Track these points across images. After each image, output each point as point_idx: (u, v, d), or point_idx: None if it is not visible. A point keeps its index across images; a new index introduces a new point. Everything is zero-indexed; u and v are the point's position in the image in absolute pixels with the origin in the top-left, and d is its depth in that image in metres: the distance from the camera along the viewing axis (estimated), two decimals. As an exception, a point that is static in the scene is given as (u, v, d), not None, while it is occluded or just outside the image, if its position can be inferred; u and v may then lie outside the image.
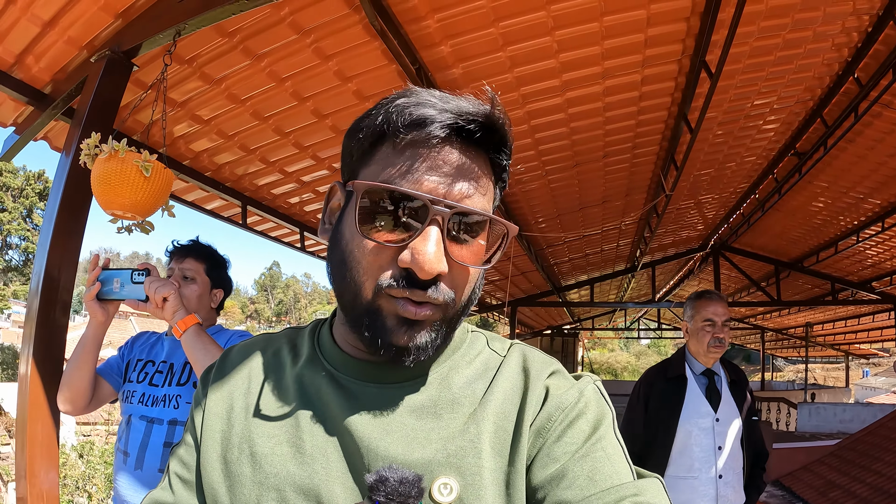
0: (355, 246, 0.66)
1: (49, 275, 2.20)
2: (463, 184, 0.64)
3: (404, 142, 0.64)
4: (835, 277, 11.43)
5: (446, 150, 0.64)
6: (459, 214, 0.64)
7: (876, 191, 7.26)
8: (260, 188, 4.55)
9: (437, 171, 0.64)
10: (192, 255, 2.14)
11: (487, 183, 0.68)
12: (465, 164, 0.65)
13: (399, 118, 0.64)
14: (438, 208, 0.61)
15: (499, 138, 0.67)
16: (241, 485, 0.68)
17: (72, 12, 2.46)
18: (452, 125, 0.63)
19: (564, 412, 0.67)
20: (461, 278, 0.67)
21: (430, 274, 0.61)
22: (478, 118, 0.64)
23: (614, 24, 3.33)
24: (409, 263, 0.62)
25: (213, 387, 0.79)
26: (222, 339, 2.03)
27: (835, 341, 21.89)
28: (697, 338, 2.69)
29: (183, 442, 0.78)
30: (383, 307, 0.64)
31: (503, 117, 0.67)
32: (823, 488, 9.05)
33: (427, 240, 0.61)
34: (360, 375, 0.72)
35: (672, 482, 2.58)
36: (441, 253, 0.62)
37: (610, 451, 0.65)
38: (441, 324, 0.66)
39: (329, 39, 2.93)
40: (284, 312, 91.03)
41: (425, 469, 0.63)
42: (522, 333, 19.18)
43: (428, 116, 0.63)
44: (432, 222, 0.62)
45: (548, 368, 0.73)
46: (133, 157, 1.89)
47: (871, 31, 4.18)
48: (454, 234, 0.64)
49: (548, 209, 6.54)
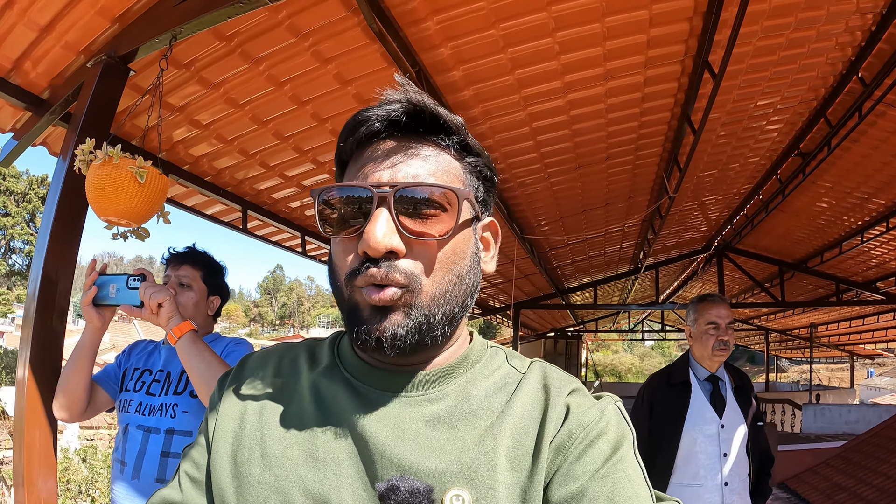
0: (333, 252, 0.71)
1: (46, 279, 2.18)
2: (409, 168, 0.68)
3: (353, 151, 0.72)
4: (839, 278, 11.38)
5: (386, 144, 0.69)
6: (408, 190, 0.65)
7: (880, 190, 7.21)
8: (260, 193, 4.54)
9: (381, 163, 0.68)
10: (188, 261, 2.12)
11: (443, 161, 0.71)
12: (409, 151, 0.69)
13: (343, 136, 0.72)
14: (380, 190, 0.65)
15: (432, 119, 0.69)
16: (250, 486, 0.68)
17: (69, 17, 2.44)
18: (381, 117, 0.68)
19: (586, 430, 0.67)
20: (424, 254, 0.67)
21: (377, 250, 0.63)
22: (397, 106, 0.68)
23: (616, 25, 3.31)
24: (362, 246, 0.64)
25: (229, 389, 0.79)
26: (219, 346, 2.01)
27: (839, 342, 21.83)
28: (702, 341, 2.65)
29: (195, 442, 0.79)
30: (357, 301, 0.67)
31: (425, 99, 0.69)
32: (829, 491, 8.99)
33: (374, 220, 0.64)
34: (378, 384, 0.72)
35: (677, 490, 2.54)
36: (389, 230, 0.64)
37: (630, 473, 0.65)
38: (412, 308, 0.66)
39: (328, 42, 2.90)
40: (288, 316, 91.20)
41: (438, 479, 0.63)
42: (526, 336, 19.15)
43: (360, 119, 0.69)
44: (379, 203, 0.65)
45: (568, 386, 0.72)
46: (128, 164, 1.87)
47: (875, 29, 4.14)
48: (409, 211, 0.66)
49: (550, 212, 6.52)
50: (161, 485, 1.85)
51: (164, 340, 2.10)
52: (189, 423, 1.91)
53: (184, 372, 1.96)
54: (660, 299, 12.96)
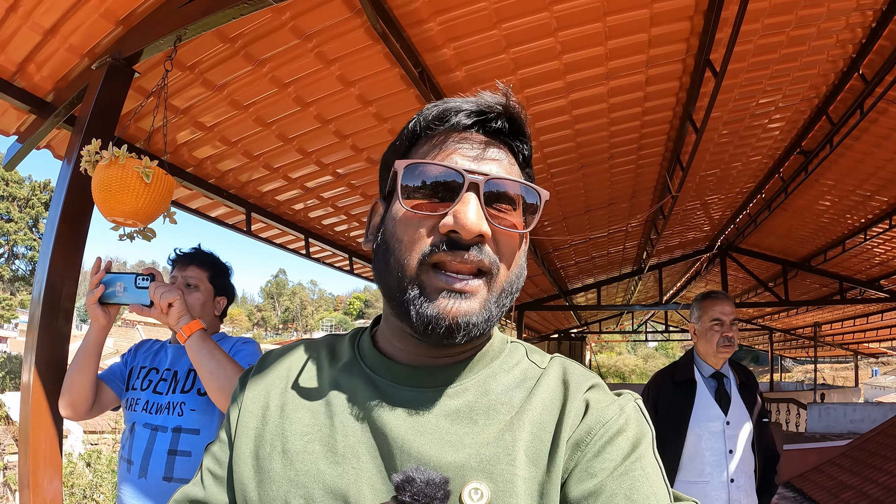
0: (398, 226, 0.69)
1: (51, 283, 2.18)
2: (492, 164, 0.69)
3: (435, 134, 0.71)
4: (843, 276, 11.34)
5: (473, 135, 0.71)
6: (494, 183, 0.67)
7: (883, 188, 7.20)
8: (264, 195, 4.54)
9: (468, 152, 0.69)
10: (195, 262, 2.14)
11: (514, 168, 0.73)
12: (492, 148, 0.71)
13: (428, 115, 0.72)
14: (473, 177, 0.65)
15: (517, 127, 0.73)
16: (271, 480, 0.69)
17: (73, 20, 2.45)
18: (476, 112, 0.70)
19: (605, 427, 0.67)
20: (506, 245, 0.69)
21: (472, 232, 0.63)
22: (497, 108, 0.70)
23: (617, 24, 3.31)
24: (451, 226, 0.64)
25: (251, 385, 0.80)
26: (226, 346, 2.03)
27: (843, 340, 21.77)
28: (706, 339, 2.65)
29: (217, 439, 0.80)
30: (428, 282, 0.66)
31: (519, 108, 0.72)
32: (835, 489, 8.96)
33: (467, 203, 0.64)
34: (398, 379, 0.72)
35: (683, 487, 2.54)
36: (482, 215, 0.65)
37: (649, 471, 0.65)
38: (489, 296, 0.67)
39: (331, 44, 2.91)
40: (291, 320, 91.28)
41: (457, 473, 0.63)
42: (530, 338, 19.12)
43: (452, 108, 0.70)
44: (470, 188, 0.65)
45: (588, 382, 0.72)
46: (133, 164, 1.87)
47: (875, 26, 4.14)
48: (491, 203, 0.67)
49: (553, 212, 6.52)
50: (168, 483, 1.85)
51: (171, 340, 2.12)
52: (196, 420, 1.92)
53: (191, 371, 1.98)
54: (663, 300, 12.95)
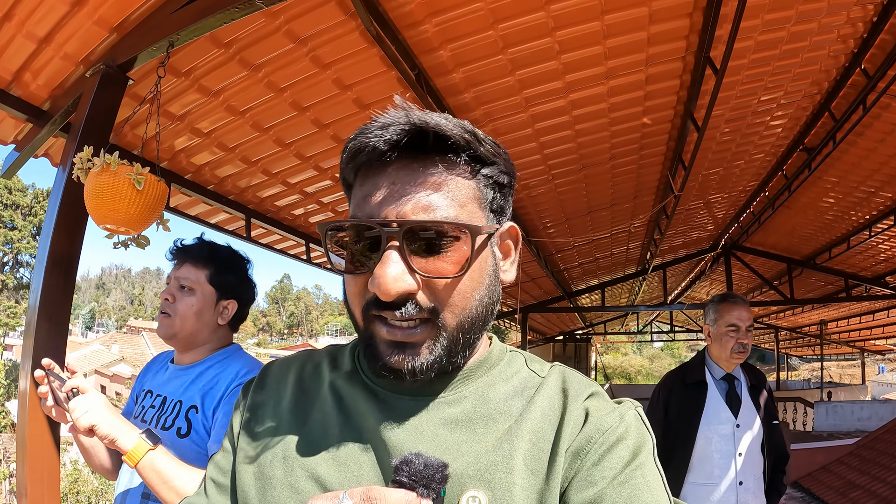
0: (344, 283, 0.70)
1: (47, 290, 2.18)
2: (419, 196, 0.64)
3: (357, 174, 0.69)
4: (848, 273, 11.27)
5: (391, 169, 0.65)
6: (416, 229, 0.63)
7: (887, 184, 7.15)
8: (263, 200, 4.53)
9: (388, 191, 0.64)
10: (189, 259, 1.73)
11: (453, 185, 0.66)
12: (416, 178, 0.65)
13: (343, 157, 0.68)
14: (388, 230, 0.62)
15: (435, 136, 0.64)
16: (273, 487, 0.69)
17: (67, 28, 2.44)
18: (385, 140, 0.63)
19: (605, 435, 0.66)
20: (442, 291, 0.65)
21: (389, 295, 0.62)
22: (402, 126, 0.63)
23: (616, 23, 3.28)
24: (373, 289, 0.63)
25: (253, 394, 0.81)
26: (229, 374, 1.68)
27: (850, 338, 21.70)
28: (721, 343, 2.62)
29: (221, 448, 0.81)
30: (375, 332, 0.66)
31: (426, 118, 0.64)
32: (843, 489, 8.90)
33: (384, 263, 0.62)
34: (397, 388, 0.72)
35: (692, 489, 2.52)
36: (401, 272, 0.62)
37: (650, 479, 0.64)
38: (436, 342, 0.65)
39: (326, 47, 2.89)
40: (296, 325, 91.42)
41: (455, 480, 0.63)
42: (534, 340, 19.10)
43: (359, 145, 0.65)
44: (388, 244, 0.62)
45: (587, 390, 0.72)
46: (125, 171, 1.86)
47: (877, 20, 4.11)
48: (421, 248, 0.63)
49: (556, 214, 6.49)
50: None
51: (174, 358, 1.83)
52: None
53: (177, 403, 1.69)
54: (668, 300, 12.92)
